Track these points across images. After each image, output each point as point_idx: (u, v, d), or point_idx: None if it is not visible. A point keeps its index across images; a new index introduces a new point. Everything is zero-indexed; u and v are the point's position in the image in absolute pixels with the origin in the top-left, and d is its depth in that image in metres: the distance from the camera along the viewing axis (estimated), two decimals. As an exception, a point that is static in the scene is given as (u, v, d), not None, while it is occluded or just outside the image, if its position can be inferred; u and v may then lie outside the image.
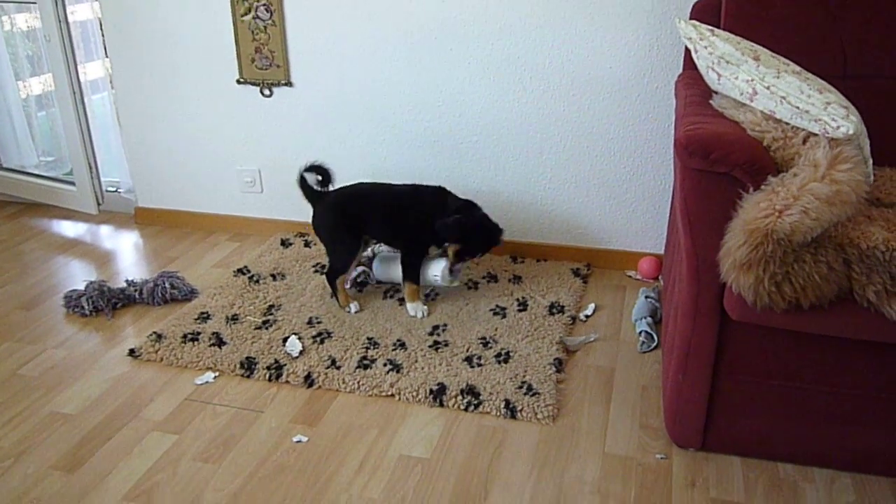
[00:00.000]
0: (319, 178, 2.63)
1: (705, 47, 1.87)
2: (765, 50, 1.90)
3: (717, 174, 1.64)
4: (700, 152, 1.62)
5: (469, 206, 2.59)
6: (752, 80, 1.78)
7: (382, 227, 2.62)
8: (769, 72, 1.77)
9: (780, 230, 1.54)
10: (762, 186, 1.60)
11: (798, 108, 1.69)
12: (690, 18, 2.35)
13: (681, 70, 2.53)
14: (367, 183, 2.75)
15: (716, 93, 1.96)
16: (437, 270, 2.59)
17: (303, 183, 2.63)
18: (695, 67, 2.24)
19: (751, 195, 1.61)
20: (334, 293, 2.61)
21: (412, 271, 2.57)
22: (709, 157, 1.61)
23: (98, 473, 1.87)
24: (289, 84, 2.97)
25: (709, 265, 1.69)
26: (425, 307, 2.55)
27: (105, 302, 2.61)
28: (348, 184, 2.70)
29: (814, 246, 1.58)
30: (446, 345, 2.37)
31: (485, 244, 2.59)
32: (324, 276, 2.70)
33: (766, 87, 1.75)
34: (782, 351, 1.75)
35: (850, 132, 1.63)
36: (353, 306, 2.57)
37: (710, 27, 1.93)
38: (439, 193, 2.62)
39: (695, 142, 1.62)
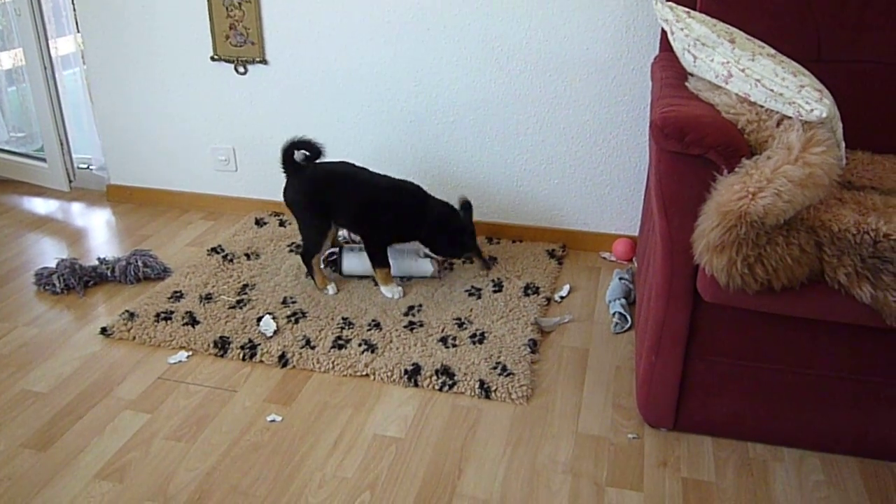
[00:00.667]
0: (307, 154, 2.54)
1: (681, 29, 1.87)
2: (740, 33, 1.90)
3: (691, 156, 1.64)
4: (675, 134, 1.62)
5: (450, 213, 2.55)
6: (728, 63, 1.78)
7: (354, 217, 2.56)
8: (744, 54, 1.78)
9: (753, 212, 1.55)
10: (736, 169, 1.61)
11: (772, 90, 1.70)
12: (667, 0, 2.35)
13: (657, 52, 2.53)
14: (346, 164, 2.64)
15: (691, 75, 1.97)
16: (425, 267, 2.62)
17: (287, 153, 2.53)
18: (671, 49, 2.25)
19: (725, 177, 1.62)
20: (310, 274, 2.59)
21: (382, 257, 2.54)
22: (684, 139, 1.61)
23: (70, 452, 1.85)
24: (263, 62, 2.94)
25: (682, 247, 1.70)
26: (400, 288, 2.55)
27: (77, 280, 2.58)
28: (330, 160, 2.62)
29: (786, 228, 1.60)
30: (421, 325, 2.37)
31: (466, 251, 2.60)
32: (299, 257, 2.67)
33: (742, 70, 1.75)
34: (754, 332, 1.77)
35: (824, 115, 1.65)
36: (331, 288, 2.55)
37: (687, 9, 1.93)
38: (418, 194, 2.57)
39: (670, 124, 1.62)
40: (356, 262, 2.64)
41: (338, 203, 2.52)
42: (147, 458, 1.83)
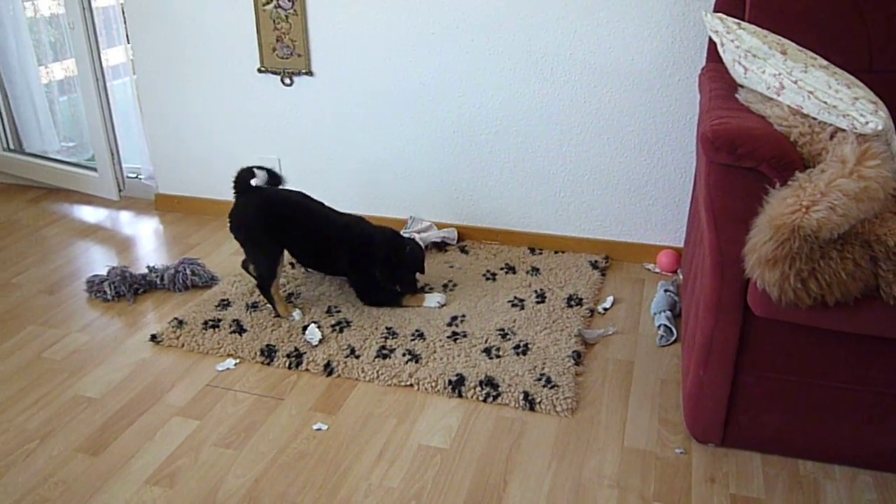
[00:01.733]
0: (268, 179, 2.48)
1: (732, 41, 1.86)
2: (792, 44, 1.88)
3: (743, 169, 1.63)
4: (726, 147, 1.61)
5: (396, 242, 2.53)
6: (780, 75, 1.76)
7: (309, 250, 2.54)
8: (796, 66, 1.76)
9: (806, 226, 1.53)
10: (789, 182, 1.59)
11: (826, 103, 1.68)
12: (714, 10, 2.33)
13: (704, 62, 2.51)
14: (302, 194, 2.58)
15: (741, 86, 1.95)
16: None
17: (243, 175, 2.45)
18: (719, 60, 2.23)
19: (777, 191, 1.60)
20: (271, 303, 2.47)
21: (380, 292, 2.55)
22: (735, 151, 1.60)
23: (121, 457, 1.89)
24: (309, 73, 2.97)
25: (733, 260, 1.69)
26: (442, 295, 2.55)
27: (127, 287, 2.63)
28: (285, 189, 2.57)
29: (840, 243, 1.57)
30: (465, 336, 2.37)
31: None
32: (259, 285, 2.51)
33: (794, 82, 1.73)
34: (806, 347, 1.74)
35: (879, 128, 1.62)
36: (297, 314, 2.47)
37: (737, 20, 1.91)
38: (366, 233, 2.53)
39: (721, 136, 1.61)
40: None
41: (292, 232, 2.47)
42: (196, 465, 1.86)
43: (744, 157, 1.60)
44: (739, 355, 1.79)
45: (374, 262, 2.49)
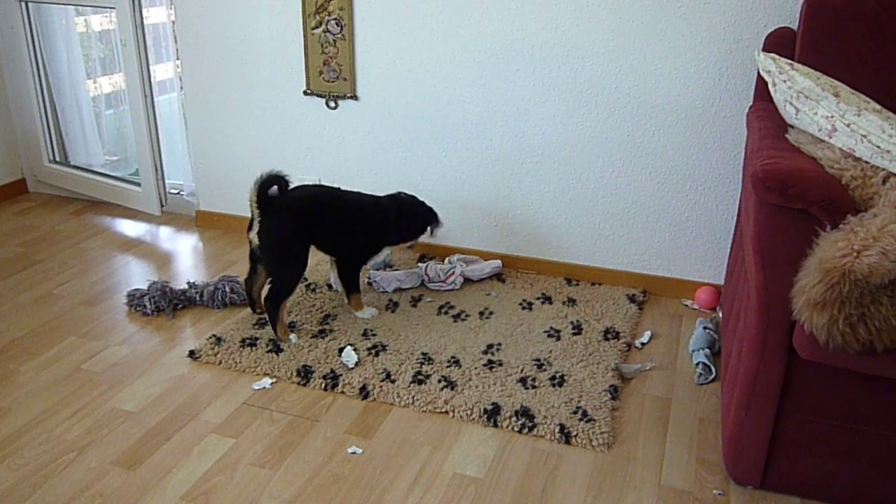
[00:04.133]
0: (279, 188, 2.44)
1: (784, 81, 1.85)
2: (844, 86, 1.88)
3: (793, 210, 1.62)
4: (778, 187, 1.60)
5: (406, 200, 2.71)
6: (832, 117, 1.75)
7: (336, 238, 2.55)
8: (850, 109, 1.75)
9: (857, 270, 1.51)
10: (840, 225, 1.58)
11: (879, 147, 1.67)
12: (763, 48, 2.33)
13: (751, 100, 2.51)
14: (319, 186, 2.66)
15: (792, 127, 1.94)
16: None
17: (263, 190, 2.39)
18: (767, 99, 2.22)
19: (828, 233, 1.58)
20: (274, 322, 2.44)
21: (358, 280, 2.65)
22: (786, 192, 1.59)
23: (157, 472, 1.90)
24: (354, 97, 3.01)
25: (779, 301, 1.67)
26: (375, 310, 2.65)
27: (166, 302, 2.66)
28: (295, 186, 2.55)
29: (891, 288, 1.55)
30: (500, 364, 2.37)
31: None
32: (249, 292, 2.57)
33: (847, 125, 1.72)
34: (852, 392, 1.71)
35: (934, 174, 1.60)
36: (293, 337, 2.47)
37: (790, 61, 1.91)
38: (379, 200, 2.67)
39: (773, 176, 1.60)
40: None
41: (322, 226, 2.50)
42: (232, 483, 1.87)
43: (795, 198, 1.59)
44: (783, 398, 1.77)
45: (389, 226, 2.62)
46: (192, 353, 2.41)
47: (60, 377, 2.30)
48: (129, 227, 3.45)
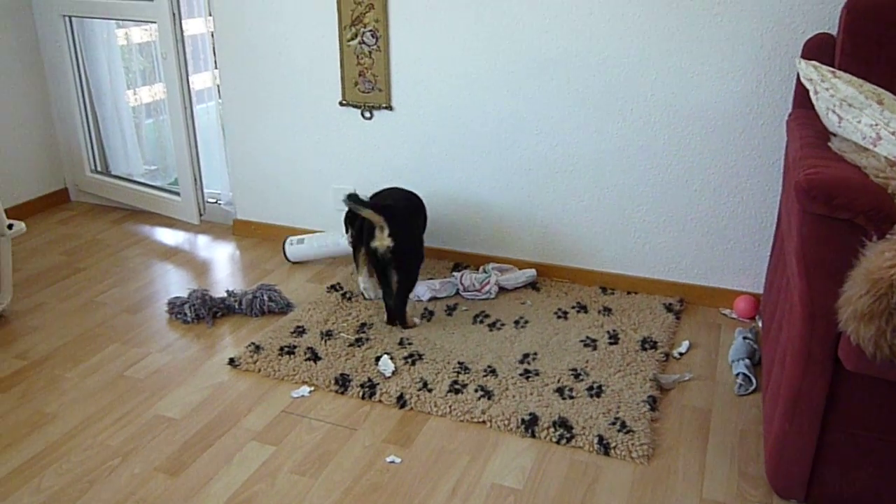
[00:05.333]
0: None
1: (826, 89, 1.83)
2: (888, 94, 1.85)
3: (838, 220, 1.60)
4: (822, 197, 1.58)
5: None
6: (877, 125, 1.73)
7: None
8: (894, 117, 1.72)
9: (905, 282, 1.48)
10: (887, 235, 1.56)
11: (926, 155, 1.64)
12: (802, 55, 2.31)
13: (789, 107, 2.49)
14: (394, 188, 2.90)
15: (834, 135, 1.92)
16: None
17: (359, 200, 2.50)
18: (807, 106, 2.20)
19: (874, 243, 1.56)
20: (404, 315, 2.63)
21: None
22: (832, 202, 1.57)
23: (200, 479, 1.93)
24: (389, 108, 3.03)
25: (824, 312, 1.65)
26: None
27: (206, 310, 2.70)
28: (380, 190, 2.87)
29: (940, 300, 1.52)
30: (537, 374, 2.36)
31: None
32: (388, 305, 2.64)
33: (892, 133, 1.70)
34: (899, 406, 1.68)
35: (984, 183, 1.57)
36: (416, 320, 2.68)
37: (832, 68, 1.89)
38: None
39: (817, 186, 1.58)
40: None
41: (422, 224, 2.83)
42: (273, 491, 1.89)
43: (840, 208, 1.57)
44: (828, 410, 1.74)
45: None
46: (231, 361, 2.44)
47: (104, 384, 2.34)
48: (169, 236, 3.50)
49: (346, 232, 2.83)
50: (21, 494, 1.88)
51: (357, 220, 2.61)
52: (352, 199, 2.48)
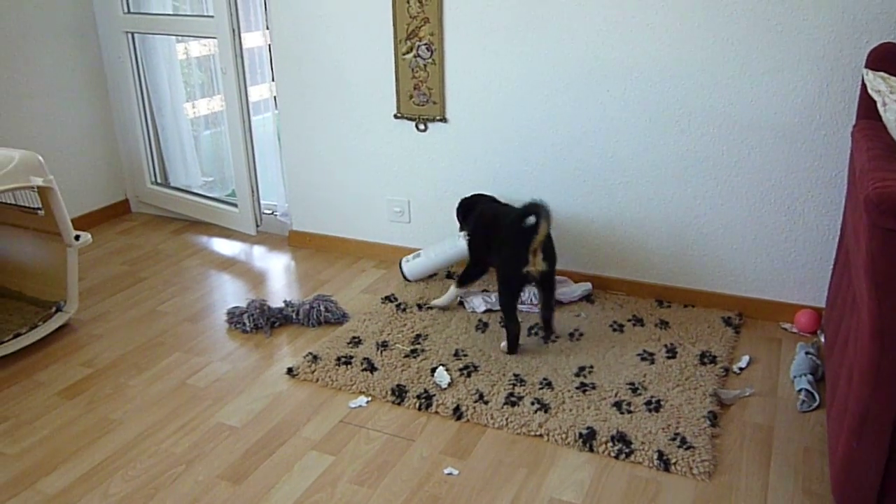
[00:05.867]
0: (534, 219, 2.44)
1: (896, 101, 1.80)
2: (961, 104, 1.80)
3: (909, 235, 1.56)
4: (893, 211, 1.54)
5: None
6: (950, 137, 1.69)
7: None
8: (968, 128, 1.68)
9: (983, 298, 1.44)
10: (962, 250, 1.52)
11: None
12: (866, 65, 2.26)
13: (853, 118, 2.44)
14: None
15: (903, 147, 1.87)
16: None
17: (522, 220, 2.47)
18: (871, 117, 2.16)
19: (948, 259, 1.52)
20: (552, 331, 2.66)
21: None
22: (903, 216, 1.54)
23: (262, 487, 1.96)
24: (443, 120, 3.06)
25: (894, 328, 1.61)
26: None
27: (265, 320, 2.74)
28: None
29: None
30: (593, 387, 2.35)
31: None
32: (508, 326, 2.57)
33: (966, 145, 1.66)
34: (974, 426, 1.63)
35: None
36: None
37: (901, 79, 1.85)
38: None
39: (888, 199, 1.55)
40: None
41: None
42: (333, 500, 1.91)
43: (912, 222, 1.54)
44: (898, 429, 1.70)
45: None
46: (290, 371, 2.48)
47: (167, 391, 2.40)
48: (226, 247, 3.57)
49: (461, 230, 2.89)
50: (90, 499, 1.94)
51: (478, 228, 2.73)
52: (541, 208, 2.41)
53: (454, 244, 3.01)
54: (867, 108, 2.24)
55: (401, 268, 3.10)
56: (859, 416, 1.72)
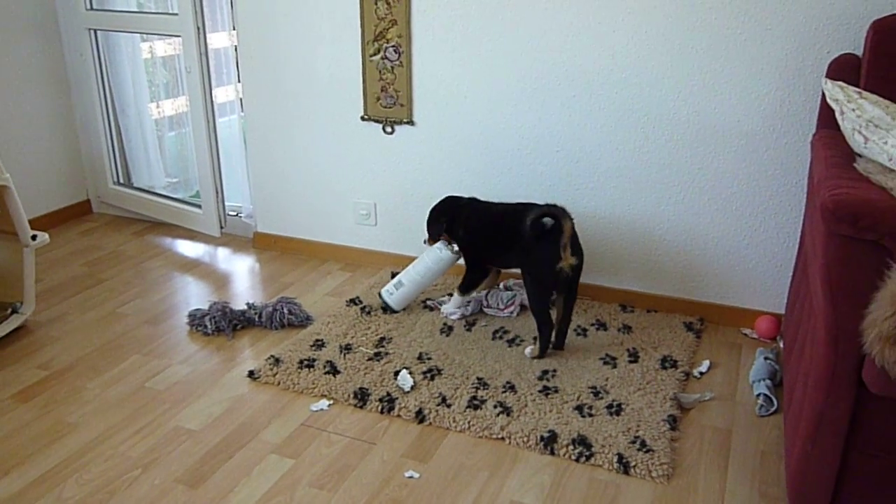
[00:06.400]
0: (551, 220, 2.43)
1: (853, 110, 1.83)
2: (915, 115, 1.84)
3: (863, 241, 1.59)
4: (848, 218, 1.57)
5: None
6: (903, 146, 1.72)
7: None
8: (921, 138, 1.71)
9: (932, 304, 1.47)
10: (913, 257, 1.54)
11: (954, 177, 1.63)
12: (827, 75, 2.31)
13: (813, 127, 2.48)
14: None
15: (860, 156, 1.91)
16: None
17: (536, 223, 2.44)
18: (831, 126, 2.19)
19: (901, 265, 1.55)
20: (563, 345, 2.61)
21: None
22: (857, 223, 1.56)
23: (220, 491, 1.94)
24: (410, 123, 3.05)
25: (849, 334, 1.63)
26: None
27: (227, 323, 2.71)
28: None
29: (968, 323, 1.51)
30: (556, 391, 2.36)
31: None
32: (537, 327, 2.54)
33: (919, 154, 1.69)
34: (925, 430, 1.66)
35: None
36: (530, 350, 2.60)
37: (858, 89, 1.89)
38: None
39: (843, 207, 1.58)
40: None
41: None
42: (292, 504, 1.89)
43: (866, 229, 1.56)
44: (851, 433, 1.72)
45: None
46: (251, 374, 2.45)
47: (125, 394, 2.36)
48: (189, 248, 3.53)
49: (428, 239, 2.85)
50: None
51: (478, 231, 2.72)
52: (558, 208, 2.41)
53: (437, 257, 2.79)
54: (827, 117, 2.27)
55: (382, 299, 2.85)
56: (814, 421, 1.75)
